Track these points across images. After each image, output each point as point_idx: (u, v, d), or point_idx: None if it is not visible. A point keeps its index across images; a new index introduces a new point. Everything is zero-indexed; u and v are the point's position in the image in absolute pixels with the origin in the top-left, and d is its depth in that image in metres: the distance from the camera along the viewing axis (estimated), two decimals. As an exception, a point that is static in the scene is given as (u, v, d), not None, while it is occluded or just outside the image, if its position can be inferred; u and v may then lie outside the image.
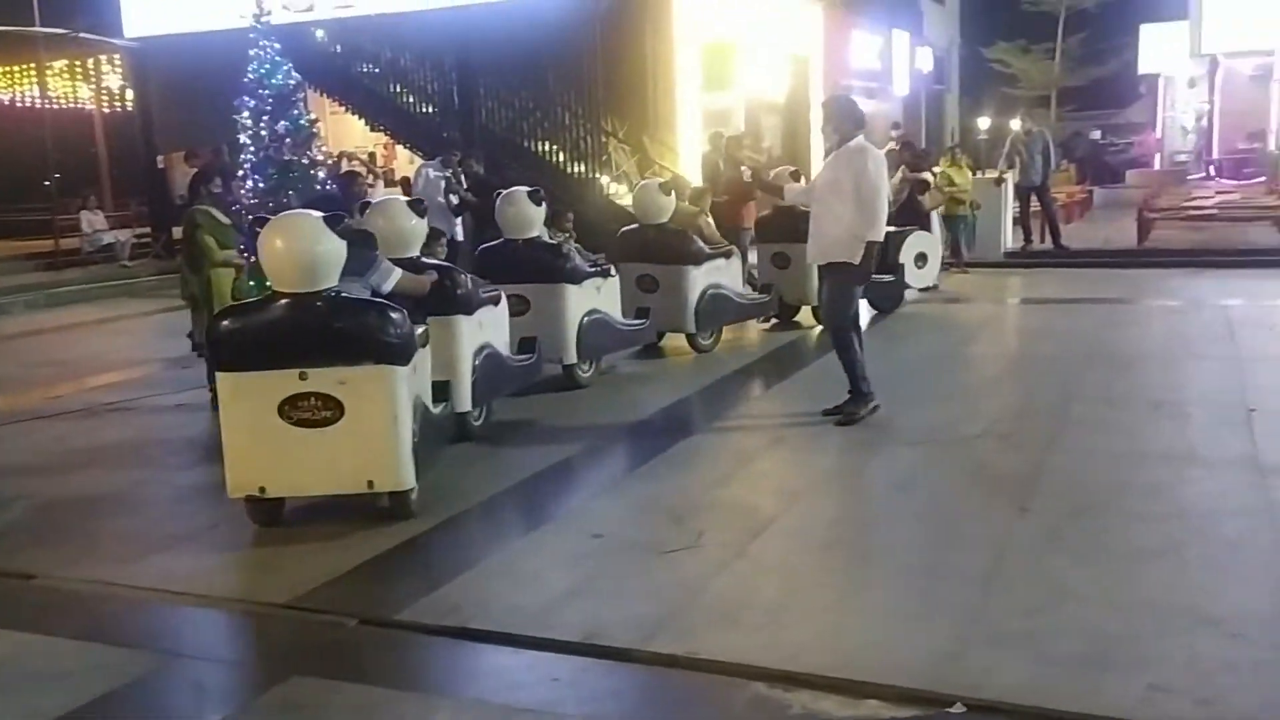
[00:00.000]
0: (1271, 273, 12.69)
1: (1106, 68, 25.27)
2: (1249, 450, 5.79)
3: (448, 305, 6.18)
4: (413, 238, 6.40)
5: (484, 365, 6.49)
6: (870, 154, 6.50)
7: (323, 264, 4.98)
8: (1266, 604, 3.93)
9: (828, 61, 20.96)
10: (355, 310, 5.07)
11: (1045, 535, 4.76)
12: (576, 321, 7.80)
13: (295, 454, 5.00)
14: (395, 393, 4.99)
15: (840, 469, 6.00)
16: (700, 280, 8.92)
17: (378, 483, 5.07)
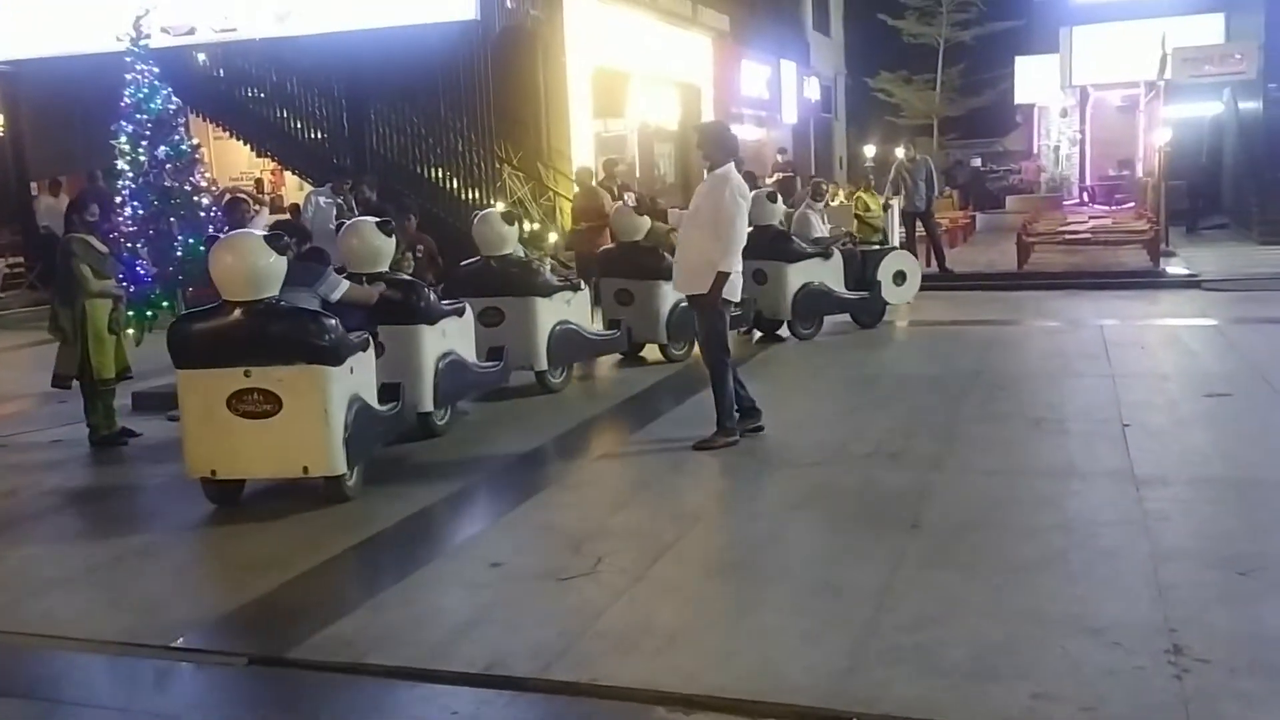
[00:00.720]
0: (1142, 294, 13.31)
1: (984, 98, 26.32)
2: (1124, 464, 6.03)
3: (411, 315, 6.78)
4: (382, 255, 7.02)
5: (447, 370, 7.05)
6: (731, 183, 6.49)
7: (263, 277, 5.63)
8: (1143, 612, 4.08)
9: (718, 90, 21.33)
10: (291, 317, 5.70)
11: (934, 551, 4.88)
12: (547, 331, 8.35)
13: (241, 441, 5.65)
14: (327, 390, 5.61)
15: (736, 492, 6.06)
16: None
17: (311, 468, 5.69)
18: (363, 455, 5.97)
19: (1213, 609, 4.09)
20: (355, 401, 5.86)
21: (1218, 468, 5.97)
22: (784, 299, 10.57)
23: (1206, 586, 4.30)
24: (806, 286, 10.72)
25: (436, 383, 6.98)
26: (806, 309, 10.79)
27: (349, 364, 5.82)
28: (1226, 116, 23.88)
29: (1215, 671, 3.57)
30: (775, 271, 10.46)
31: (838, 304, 11.04)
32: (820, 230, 11.49)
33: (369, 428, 6.00)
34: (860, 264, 11.34)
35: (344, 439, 5.67)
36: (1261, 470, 5.92)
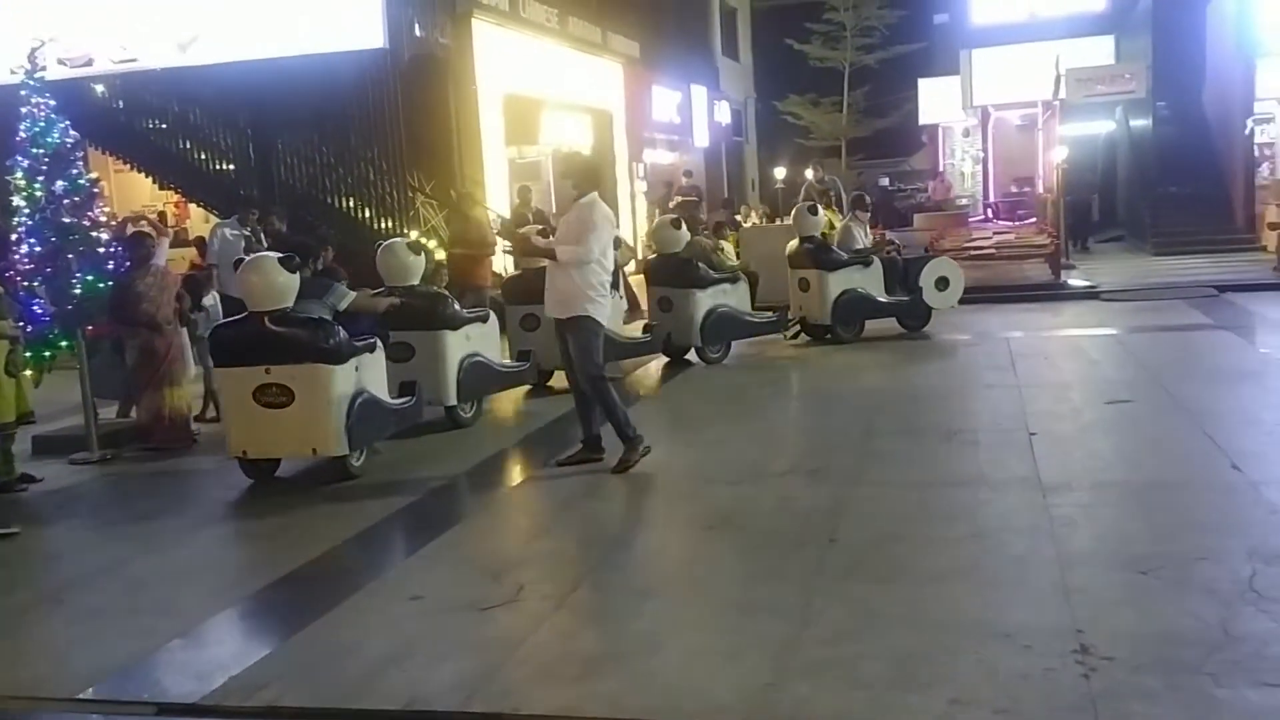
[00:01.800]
0: (1045, 306, 13.72)
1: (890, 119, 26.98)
2: (1031, 472, 6.20)
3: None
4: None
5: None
6: (596, 209, 6.69)
7: (278, 291, 6.73)
8: (1052, 615, 4.19)
9: (630, 115, 21.50)
10: (301, 324, 6.74)
11: (852, 564, 4.95)
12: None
13: (264, 427, 6.76)
14: (330, 384, 6.65)
15: (656, 513, 6.08)
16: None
17: (319, 449, 6.81)
18: (367, 440, 7.04)
19: (1117, 609, 4.22)
20: (360, 394, 6.85)
21: (1119, 472, 6.18)
22: (825, 304, 11.43)
23: (1110, 588, 4.44)
24: (848, 293, 11.48)
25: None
26: (848, 314, 11.54)
27: (353, 363, 6.85)
28: (1119, 134, 24.83)
29: (1120, 669, 3.68)
30: (817, 280, 11.43)
31: (879, 308, 11.73)
32: (863, 241, 12.14)
33: (373, 417, 6.98)
34: (903, 271, 11.90)
35: (346, 425, 6.68)
36: (1160, 473, 6.14)
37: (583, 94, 19.59)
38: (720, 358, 10.85)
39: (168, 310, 8.25)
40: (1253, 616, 4.01)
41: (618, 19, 21.08)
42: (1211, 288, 13.81)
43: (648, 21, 23.32)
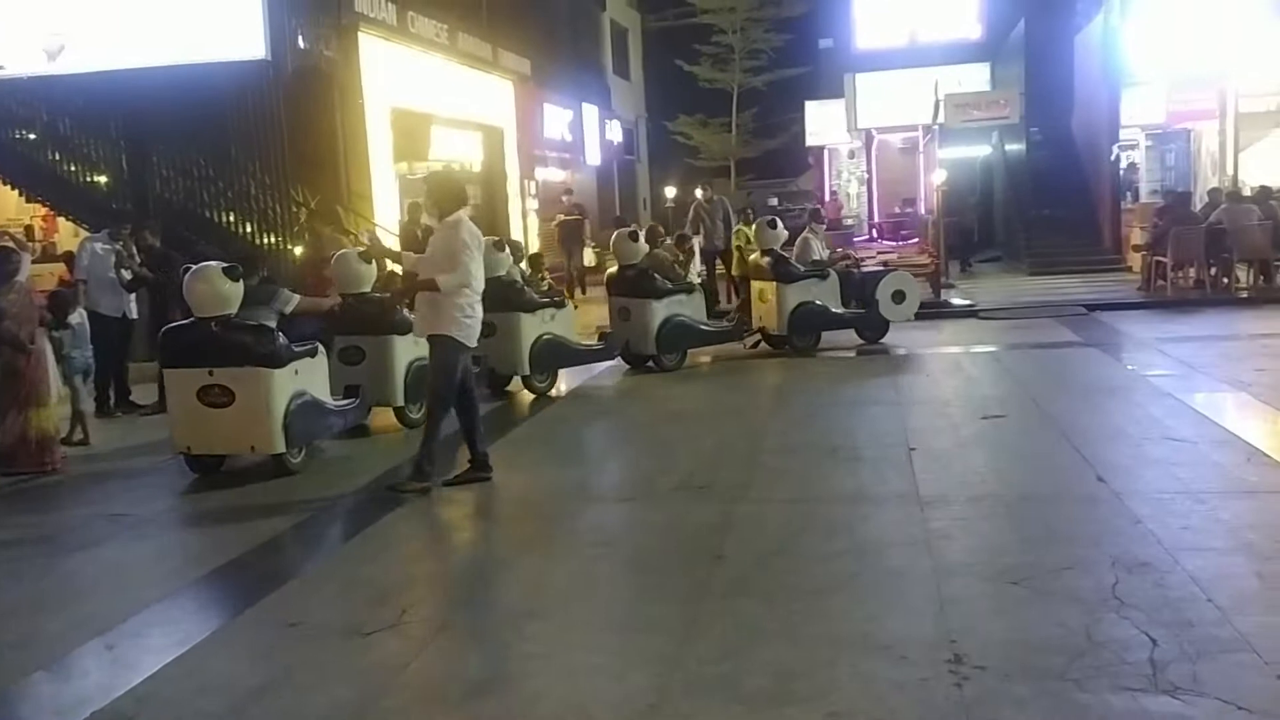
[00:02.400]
0: (927, 324, 14.06)
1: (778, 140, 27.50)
2: (910, 486, 6.36)
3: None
4: (364, 279, 8.62)
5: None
6: (462, 230, 6.63)
7: (222, 299, 7.14)
8: (928, 626, 4.30)
9: (522, 132, 21.45)
10: (242, 330, 7.15)
11: (736, 581, 5.00)
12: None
13: (206, 425, 7.17)
14: (270, 386, 7.08)
15: (544, 533, 6.03)
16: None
17: (258, 447, 7.27)
18: (306, 438, 7.52)
19: (988, 619, 4.35)
20: (299, 396, 7.27)
21: (993, 486, 6.37)
22: (782, 315, 11.78)
23: (983, 598, 4.58)
24: (804, 305, 11.78)
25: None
26: (804, 325, 11.89)
27: (292, 367, 7.28)
28: (996, 158, 25.77)
29: (991, 678, 3.79)
30: (775, 292, 11.72)
31: (835, 320, 12.06)
32: (819, 254, 12.41)
33: (312, 417, 7.40)
34: (860, 284, 12.19)
35: (284, 425, 7.12)
36: (1032, 487, 6.36)
37: (474, 110, 19.47)
38: (676, 365, 11.20)
39: (31, 328, 7.88)
40: (1115, 623, 4.17)
41: (509, 36, 21.03)
42: (1082, 306, 14.41)
43: (539, 39, 23.33)
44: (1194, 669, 3.73)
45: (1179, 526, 5.27)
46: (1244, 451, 6.68)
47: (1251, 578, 4.58)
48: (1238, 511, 5.53)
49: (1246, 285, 15.31)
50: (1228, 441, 6.98)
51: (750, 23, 25.21)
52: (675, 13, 29.61)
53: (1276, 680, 3.63)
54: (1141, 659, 3.83)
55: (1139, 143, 22.61)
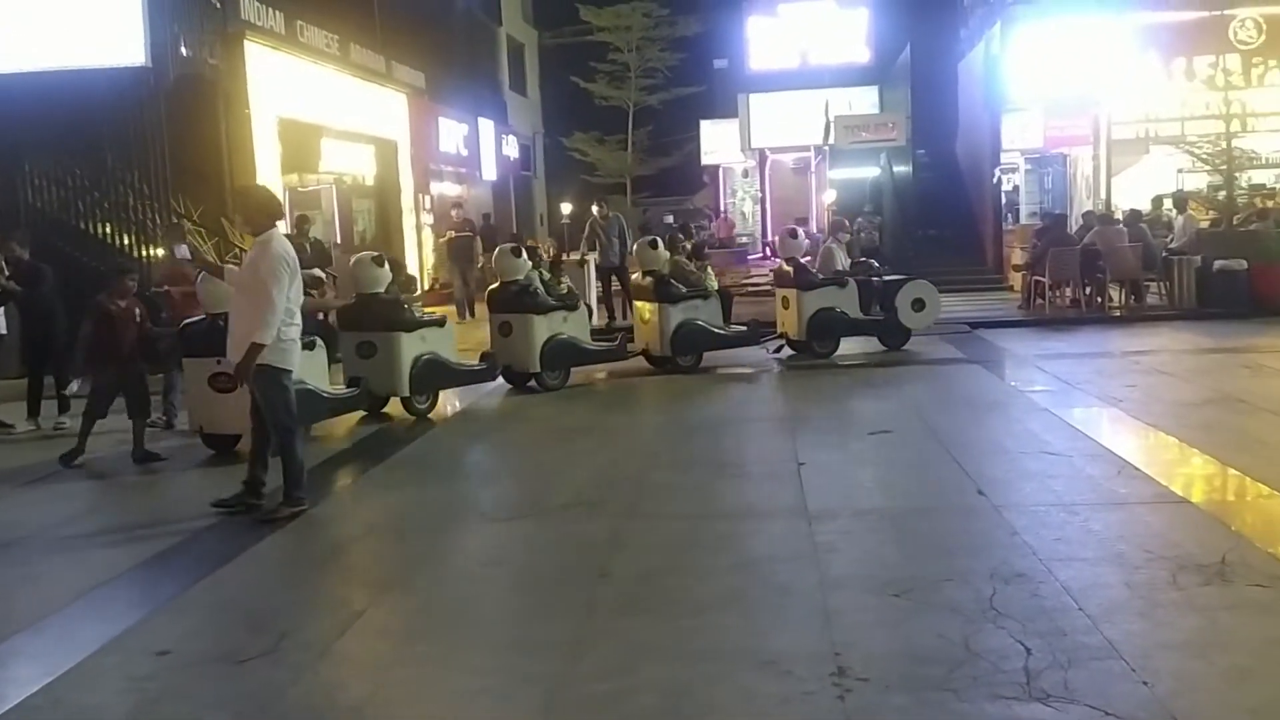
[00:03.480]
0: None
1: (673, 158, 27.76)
2: (798, 501, 6.43)
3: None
4: (379, 281, 9.84)
5: None
6: (271, 249, 6.26)
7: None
8: (812, 640, 4.33)
9: (416, 146, 21.20)
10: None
11: (624, 599, 4.98)
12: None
13: (216, 408, 8.24)
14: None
15: (432, 552, 5.92)
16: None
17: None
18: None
19: (872, 631, 4.41)
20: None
21: (878, 500, 6.49)
22: (801, 321, 12.26)
23: (867, 611, 4.64)
24: (823, 311, 12.26)
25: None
26: (822, 332, 12.34)
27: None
28: (884, 179, 26.44)
29: (873, 690, 3.84)
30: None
31: (855, 327, 12.52)
32: (843, 263, 12.86)
33: (306, 403, 7.86)
34: (880, 291, 12.60)
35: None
36: (915, 500, 6.49)
37: (366, 123, 19.16)
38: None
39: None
40: (992, 633, 4.27)
41: (402, 49, 20.79)
42: (965, 324, 14.83)
43: (434, 53, 23.11)
44: (1066, 676, 3.83)
45: (1053, 538, 5.44)
46: (1115, 464, 6.94)
47: (1121, 587, 4.75)
48: (1108, 522, 5.73)
49: (1119, 304, 15.98)
50: (1100, 455, 7.24)
51: (646, 42, 25.42)
52: (572, 30, 29.69)
53: (1143, 686, 3.76)
54: (1016, 668, 3.93)
55: (1019, 166, 23.47)
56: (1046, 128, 21.19)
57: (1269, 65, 18.98)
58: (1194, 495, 6.27)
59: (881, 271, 13.32)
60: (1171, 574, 4.82)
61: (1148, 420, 8.37)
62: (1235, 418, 8.29)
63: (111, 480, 7.94)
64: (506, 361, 10.83)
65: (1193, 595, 4.58)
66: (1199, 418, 8.31)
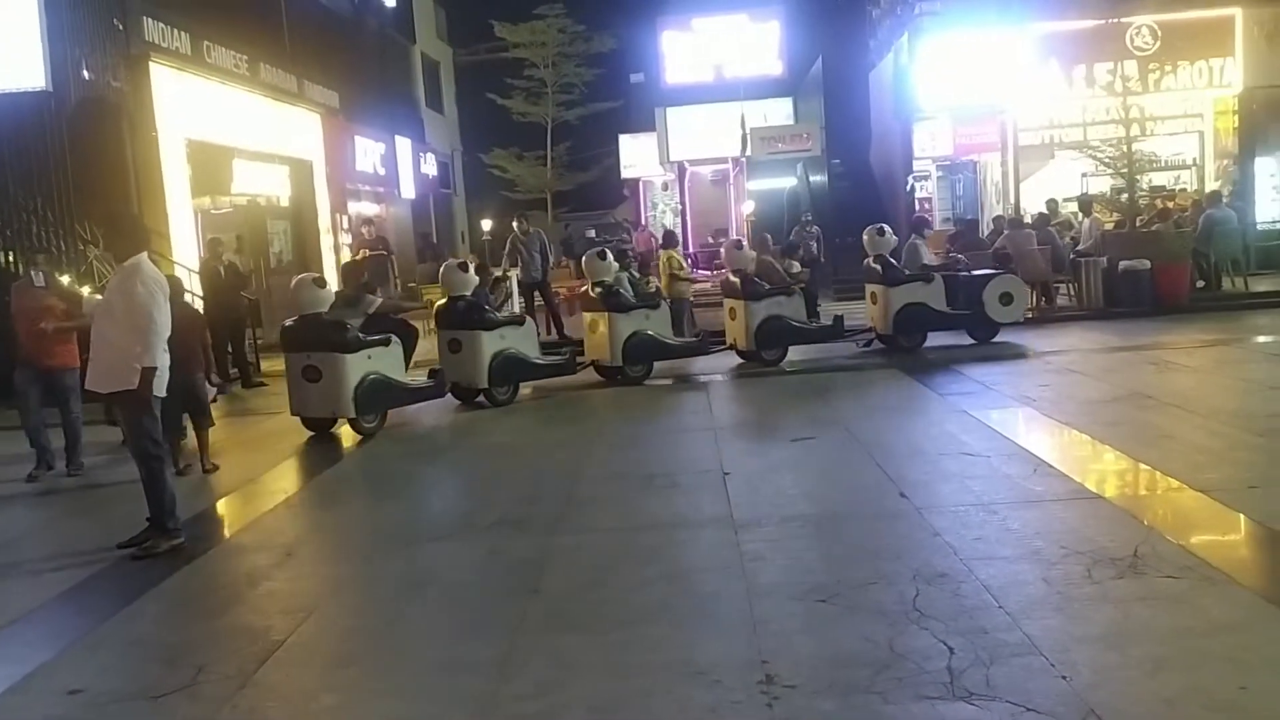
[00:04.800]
0: (739, 350, 14.45)
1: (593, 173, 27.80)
2: (724, 511, 6.46)
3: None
4: (466, 284, 11.09)
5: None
6: (141, 274, 6.13)
7: (311, 301, 9.75)
8: (741, 649, 4.35)
9: (331, 166, 20.93)
10: (327, 325, 9.65)
11: (554, 615, 4.95)
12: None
13: (307, 395, 9.69)
14: (346, 367, 9.48)
15: (356, 577, 5.83)
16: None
17: (336, 412, 9.71)
18: (374, 408, 9.80)
19: (798, 637, 4.45)
20: (370, 375, 9.65)
21: (803, 506, 6.55)
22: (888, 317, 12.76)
23: (793, 617, 4.67)
24: (910, 306, 12.61)
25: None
26: (910, 326, 12.68)
27: (365, 353, 9.67)
28: (801, 189, 26.82)
29: (800, 696, 3.87)
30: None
31: (943, 321, 12.82)
32: (929, 258, 13.19)
33: (381, 392, 9.74)
34: (967, 286, 12.85)
35: (354, 396, 9.46)
36: (839, 505, 6.57)
37: (279, 143, 18.87)
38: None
39: None
40: (915, 634, 4.33)
41: (314, 67, 20.53)
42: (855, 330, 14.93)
43: (347, 72, 22.87)
44: (987, 674, 3.91)
45: (973, 537, 5.54)
46: (1031, 463, 7.10)
47: (1039, 583, 4.85)
48: (1026, 520, 5.85)
49: (1031, 306, 16.36)
50: (1017, 454, 7.40)
51: (561, 58, 25.45)
52: (487, 47, 29.62)
53: (1061, 680, 3.84)
54: (940, 668, 3.99)
55: (931, 173, 23.96)
56: (956, 135, 21.67)
57: (1165, 70, 19.68)
58: (1106, 491, 6.44)
59: (967, 266, 13.73)
60: (1087, 568, 4.94)
61: (1061, 418, 8.59)
62: (1144, 413, 8.55)
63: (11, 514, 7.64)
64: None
65: (1107, 589, 4.70)
66: (1109, 414, 8.55)
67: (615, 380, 12.00)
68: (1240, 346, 11.91)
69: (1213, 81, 20.03)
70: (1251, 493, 6.04)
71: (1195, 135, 21.09)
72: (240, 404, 12.72)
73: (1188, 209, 18.30)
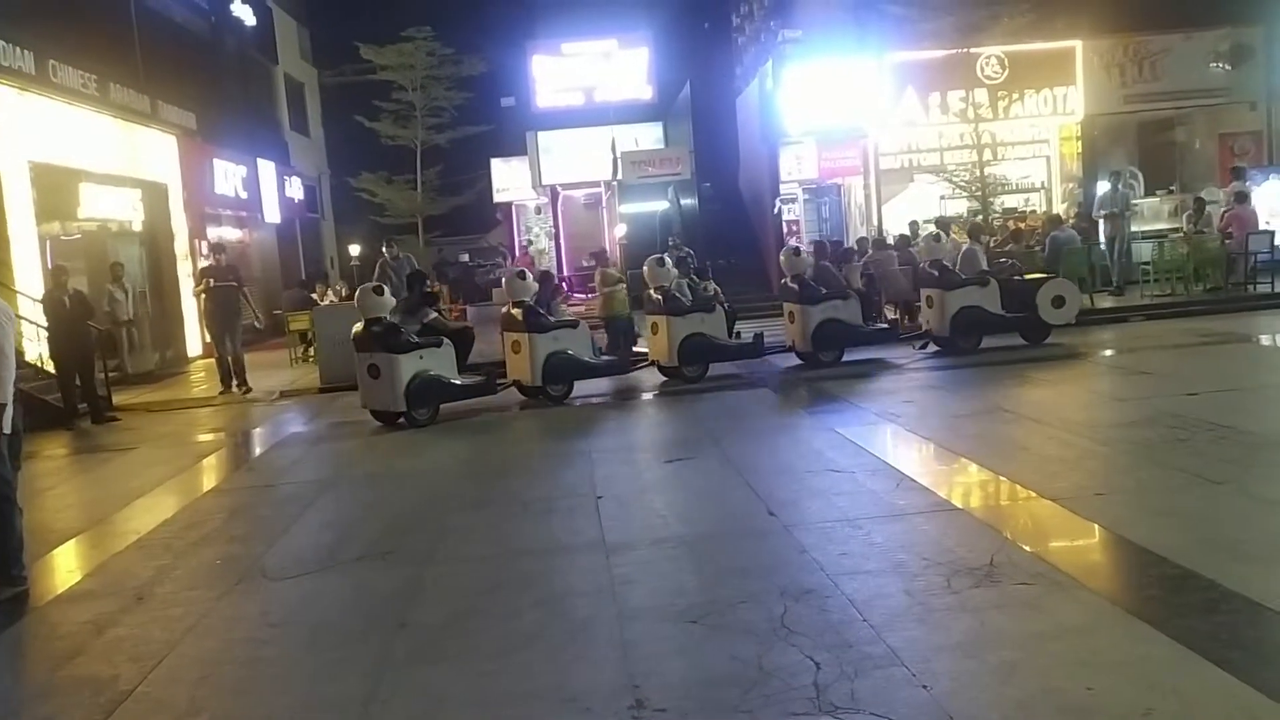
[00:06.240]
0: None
1: (465, 197, 27.47)
2: (598, 534, 6.44)
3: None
4: (528, 291, 12.12)
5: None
6: None
7: (373, 307, 11.14)
8: (611, 674, 4.33)
9: (189, 189, 20.24)
10: (385, 329, 11.01)
11: (423, 648, 4.83)
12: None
13: (371, 391, 11.16)
14: (399, 366, 10.88)
15: (212, 619, 5.58)
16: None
17: (391, 406, 11.02)
18: (425, 403, 11.10)
19: (669, 660, 4.44)
20: (420, 374, 11.02)
21: (675, 528, 6.57)
22: (945, 318, 13.44)
23: (664, 640, 4.67)
24: (966, 309, 13.27)
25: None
26: (966, 328, 13.33)
27: (417, 354, 11.03)
28: (673, 212, 27.14)
29: (669, 718, 3.86)
30: (939, 298, 13.43)
31: (998, 324, 13.42)
32: (983, 263, 13.87)
33: (430, 389, 11.12)
34: (1020, 290, 13.49)
35: (404, 393, 10.86)
36: (710, 526, 6.61)
37: (131, 165, 18.15)
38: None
39: None
40: (783, 651, 4.38)
41: (170, 88, 19.83)
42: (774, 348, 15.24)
43: (205, 92, 22.18)
44: (852, 687, 3.97)
45: (838, 553, 5.64)
46: (894, 478, 7.29)
47: (901, 595, 4.97)
48: (889, 534, 5.99)
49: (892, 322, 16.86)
50: (881, 469, 7.59)
51: (430, 80, 25.12)
52: (353, 69, 29.07)
53: (922, 689, 3.93)
54: (806, 683, 4.04)
55: (798, 196, 24.55)
56: (821, 159, 22.27)
57: (1013, 98, 20.63)
58: (965, 503, 6.65)
59: (1020, 270, 14.28)
60: (946, 579, 5.09)
61: (924, 433, 8.85)
62: (1002, 427, 8.87)
63: None
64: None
65: (965, 598, 4.84)
66: (970, 428, 8.85)
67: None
68: (1089, 360, 12.50)
69: (1057, 109, 21.11)
70: (1098, 499, 6.32)
71: (1043, 160, 22.19)
72: (89, 440, 12.12)
73: (1039, 229, 19.21)
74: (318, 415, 12.87)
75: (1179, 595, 4.68)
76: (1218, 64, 20.75)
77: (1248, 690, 3.72)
